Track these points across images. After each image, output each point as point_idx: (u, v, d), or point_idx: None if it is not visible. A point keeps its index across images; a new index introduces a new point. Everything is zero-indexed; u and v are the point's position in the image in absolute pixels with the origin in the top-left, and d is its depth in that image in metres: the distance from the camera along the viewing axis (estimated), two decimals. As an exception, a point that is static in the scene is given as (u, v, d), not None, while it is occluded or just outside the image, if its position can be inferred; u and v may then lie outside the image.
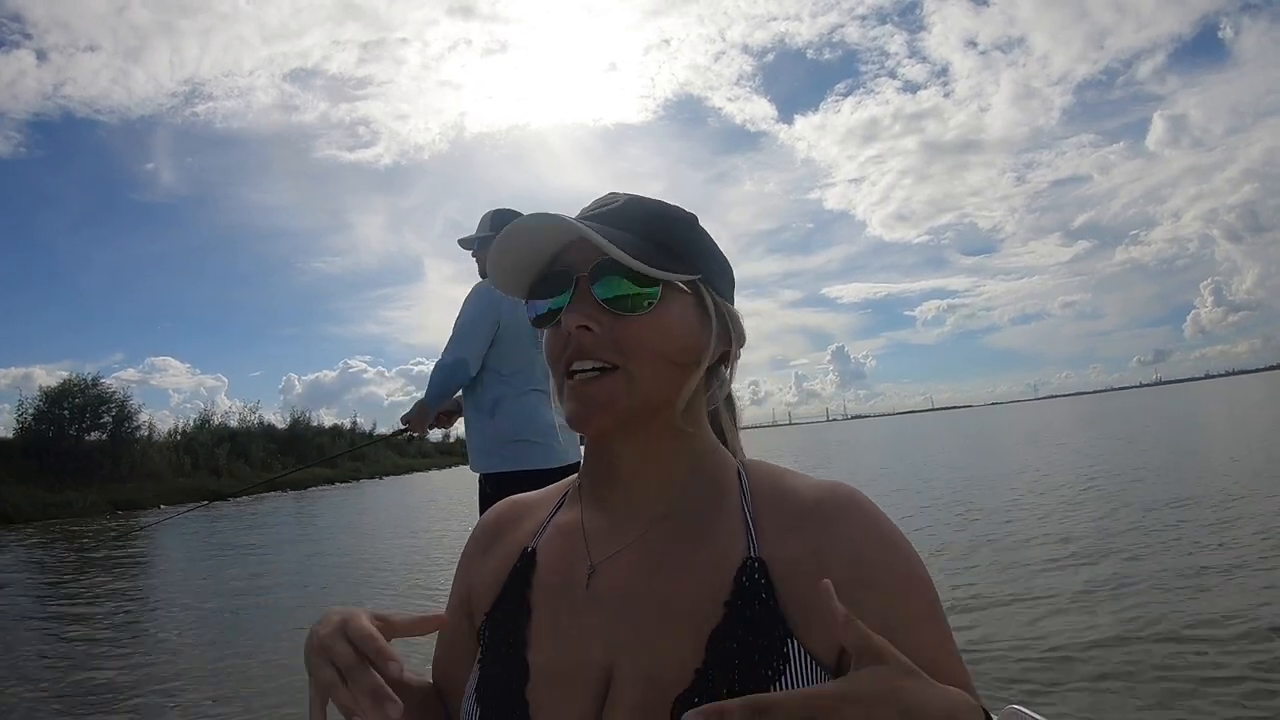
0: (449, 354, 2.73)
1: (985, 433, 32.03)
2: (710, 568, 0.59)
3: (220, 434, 28.52)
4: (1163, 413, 29.48)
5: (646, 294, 0.61)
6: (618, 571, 0.63)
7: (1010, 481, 11.00)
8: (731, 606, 0.57)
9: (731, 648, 0.55)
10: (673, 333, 0.62)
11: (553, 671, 0.61)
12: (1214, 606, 3.86)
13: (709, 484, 0.65)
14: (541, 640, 0.63)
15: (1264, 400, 31.70)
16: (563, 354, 0.62)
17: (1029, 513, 7.65)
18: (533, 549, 0.69)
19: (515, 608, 0.66)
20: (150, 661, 4.63)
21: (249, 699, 3.77)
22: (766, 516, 0.62)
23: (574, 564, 0.65)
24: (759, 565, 0.58)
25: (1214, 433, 17.22)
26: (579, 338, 0.60)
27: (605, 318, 0.60)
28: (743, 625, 0.56)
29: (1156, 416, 25.08)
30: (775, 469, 0.67)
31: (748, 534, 0.61)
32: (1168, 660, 3.22)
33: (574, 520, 0.69)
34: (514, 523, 0.74)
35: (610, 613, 0.61)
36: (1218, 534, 5.53)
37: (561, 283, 0.62)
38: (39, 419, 21.84)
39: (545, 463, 2.63)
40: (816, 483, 0.64)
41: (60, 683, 4.27)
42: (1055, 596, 4.39)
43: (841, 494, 0.61)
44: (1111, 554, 5.30)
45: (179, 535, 12.53)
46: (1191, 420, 23.29)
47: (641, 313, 0.61)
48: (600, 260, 0.61)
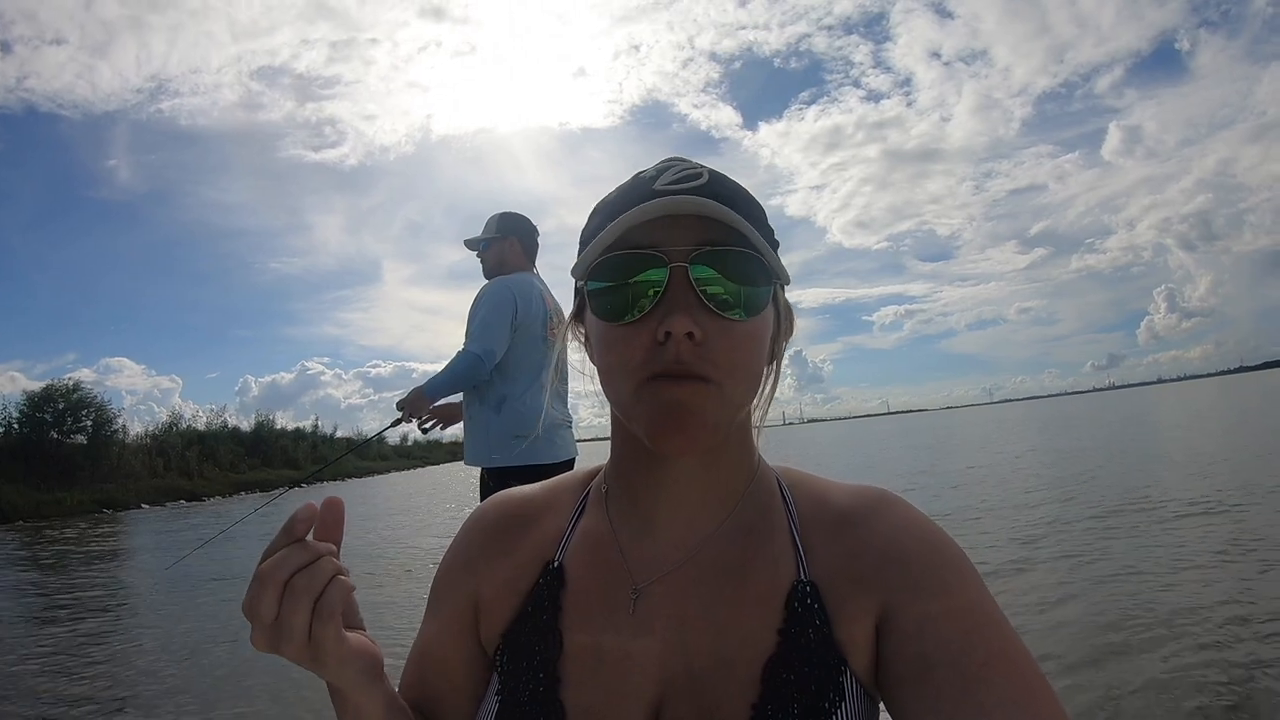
0: (477, 344, 2.63)
1: (939, 435, 33.06)
2: (763, 591, 0.55)
3: (190, 437, 29.83)
4: (1111, 419, 28.88)
5: (759, 296, 0.53)
6: (667, 596, 0.57)
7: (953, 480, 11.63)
8: (785, 634, 0.53)
9: (789, 679, 0.51)
10: (765, 340, 0.56)
11: (595, 710, 0.54)
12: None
13: (757, 498, 0.60)
14: (580, 674, 0.56)
15: (1214, 403, 32.93)
16: (649, 359, 0.51)
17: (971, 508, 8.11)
18: (559, 564, 0.61)
19: (543, 633, 0.58)
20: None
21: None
22: (812, 532, 0.58)
23: (612, 585, 0.58)
24: (811, 588, 0.54)
25: (1158, 436, 18.02)
26: (681, 346, 0.50)
27: (709, 321, 0.51)
28: (798, 655, 0.52)
29: (1103, 425, 25.12)
30: (807, 477, 0.63)
31: (797, 554, 0.56)
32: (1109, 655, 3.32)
33: (604, 532, 0.62)
34: (522, 525, 0.65)
35: (659, 643, 0.55)
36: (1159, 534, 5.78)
37: (646, 263, 0.52)
38: (23, 422, 23.21)
39: (548, 458, 2.66)
40: (847, 487, 0.60)
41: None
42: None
43: (873, 495, 0.58)
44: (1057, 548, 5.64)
45: (154, 534, 13.92)
46: (1142, 422, 24.25)
47: (745, 319, 0.53)
48: (702, 250, 0.51)
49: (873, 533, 0.56)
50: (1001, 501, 8.53)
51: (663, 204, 0.51)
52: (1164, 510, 6.76)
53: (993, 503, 8.53)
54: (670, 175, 0.55)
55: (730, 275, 0.52)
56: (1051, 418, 40.34)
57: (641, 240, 0.52)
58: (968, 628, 0.49)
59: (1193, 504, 6.87)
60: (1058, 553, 5.54)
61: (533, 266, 2.93)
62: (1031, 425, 32.68)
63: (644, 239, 0.52)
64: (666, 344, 0.51)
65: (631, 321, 0.52)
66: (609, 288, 0.53)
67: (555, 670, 0.56)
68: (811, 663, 0.52)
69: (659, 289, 0.52)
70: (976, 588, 0.52)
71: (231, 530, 4.37)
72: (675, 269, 0.51)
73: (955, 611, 0.50)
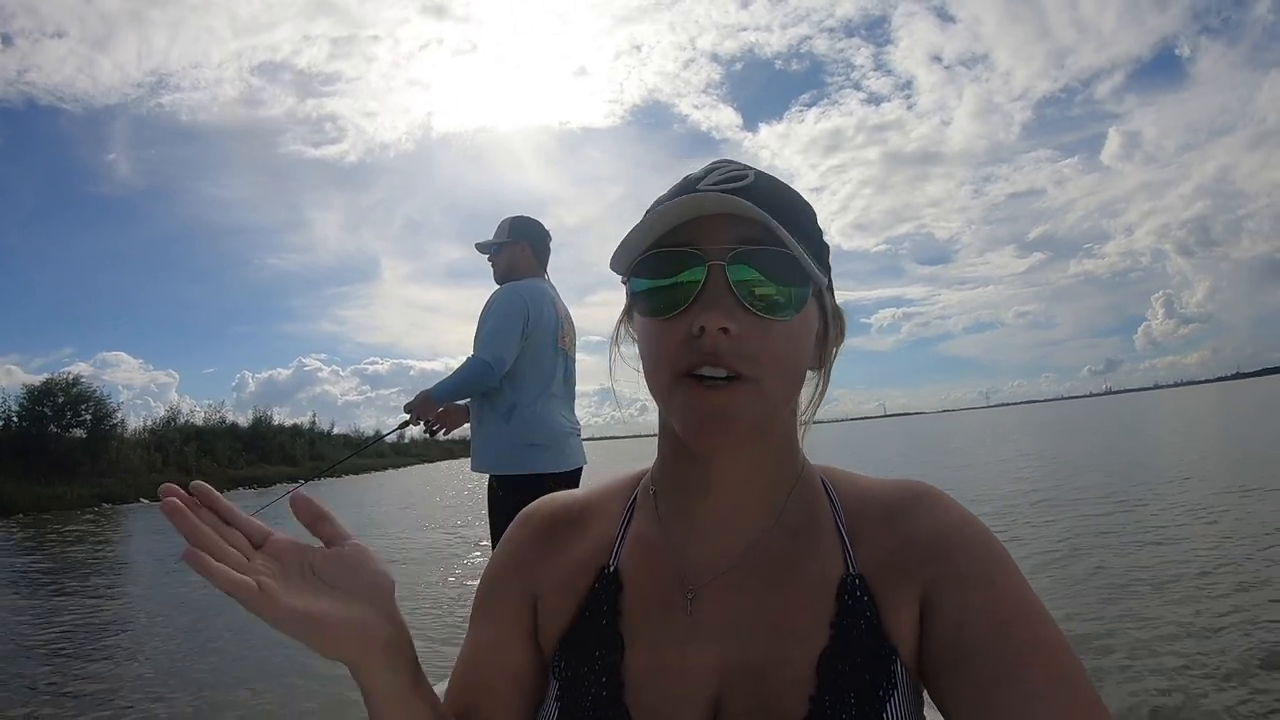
0: (487, 351, 2.64)
1: (934, 437, 32.61)
2: (813, 587, 0.57)
3: (188, 432, 29.83)
4: (1109, 428, 28.46)
5: (796, 296, 0.54)
6: (722, 596, 0.58)
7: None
8: (837, 627, 0.54)
9: (844, 670, 0.53)
10: (806, 342, 0.57)
11: (658, 712, 0.56)
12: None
13: (803, 498, 0.61)
14: (640, 678, 0.57)
15: (1212, 411, 33.05)
16: (684, 353, 0.53)
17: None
18: (614, 568, 0.62)
19: (603, 638, 0.59)
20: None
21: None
22: (857, 527, 0.59)
23: (668, 587, 0.60)
24: (859, 582, 0.56)
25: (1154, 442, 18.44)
26: (716, 340, 0.52)
27: (745, 318, 0.52)
28: (851, 646, 0.54)
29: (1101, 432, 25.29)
30: (848, 474, 0.64)
31: (844, 548, 0.58)
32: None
33: (653, 535, 0.62)
34: (575, 529, 0.66)
35: (719, 643, 0.57)
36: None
37: (684, 261, 0.54)
38: (23, 416, 23.28)
39: (556, 466, 2.66)
40: (889, 482, 0.62)
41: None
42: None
43: (914, 489, 0.59)
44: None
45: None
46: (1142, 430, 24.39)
47: (783, 318, 0.54)
48: (740, 249, 0.53)
49: (916, 525, 0.57)
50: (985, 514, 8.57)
51: (691, 201, 0.53)
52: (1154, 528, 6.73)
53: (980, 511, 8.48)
54: (716, 176, 0.57)
55: (768, 275, 0.53)
56: (1044, 426, 40.13)
57: (681, 239, 0.54)
58: (1008, 618, 0.50)
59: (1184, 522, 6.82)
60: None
61: (544, 272, 2.94)
62: (1027, 434, 32.39)
63: (684, 237, 0.54)
64: (701, 338, 0.52)
65: (670, 317, 0.54)
66: (650, 284, 0.55)
67: (618, 675, 0.58)
68: (864, 653, 0.54)
69: (697, 286, 0.53)
70: (1016, 580, 0.53)
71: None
72: (713, 266, 0.53)
73: (996, 602, 0.51)
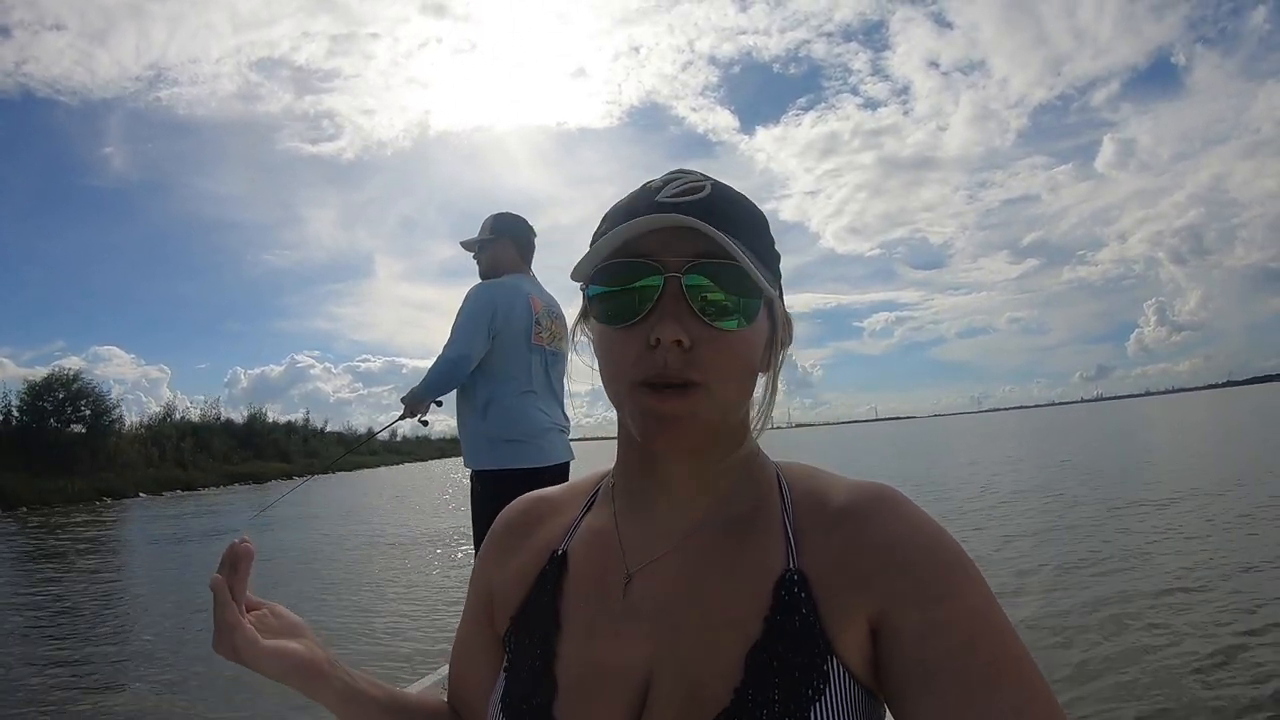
0: (452, 349, 2.71)
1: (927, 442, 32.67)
2: (750, 579, 0.56)
3: (184, 428, 30.24)
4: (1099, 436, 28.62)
5: (748, 306, 0.56)
6: (657, 580, 0.60)
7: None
8: (771, 622, 0.54)
9: (771, 665, 0.52)
10: (757, 349, 0.58)
11: (585, 685, 0.57)
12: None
13: (751, 491, 0.62)
14: (572, 651, 0.59)
15: (1203, 420, 33.63)
16: (640, 363, 0.55)
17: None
18: (563, 552, 0.65)
19: (543, 615, 0.62)
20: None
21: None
22: (805, 525, 0.58)
23: (608, 570, 0.62)
24: (799, 578, 0.55)
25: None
26: (671, 351, 0.54)
27: (698, 328, 0.54)
28: (782, 642, 0.53)
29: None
30: (809, 470, 0.64)
31: (788, 544, 0.57)
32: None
33: (607, 523, 0.65)
34: (538, 521, 0.70)
35: (648, 624, 0.58)
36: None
37: (641, 271, 0.55)
38: (24, 411, 23.67)
39: (537, 461, 2.66)
40: (850, 483, 0.60)
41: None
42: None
43: (872, 490, 0.58)
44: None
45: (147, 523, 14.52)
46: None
47: (736, 327, 0.55)
48: (696, 262, 0.54)
49: (870, 530, 0.55)
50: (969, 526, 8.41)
51: (654, 220, 0.54)
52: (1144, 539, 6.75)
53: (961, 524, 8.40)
54: (674, 188, 0.58)
55: (722, 286, 0.54)
56: (1034, 433, 40.16)
57: (640, 249, 0.55)
58: (971, 634, 0.49)
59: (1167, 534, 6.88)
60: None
61: (528, 268, 2.95)
62: (1016, 441, 32.54)
63: (642, 248, 0.55)
64: (656, 350, 0.54)
65: (627, 325, 0.55)
66: (608, 293, 0.57)
67: (553, 647, 0.60)
68: (795, 649, 0.53)
69: (654, 296, 0.54)
70: (979, 592, 0.52)
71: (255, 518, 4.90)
72: (670, 278, 0.54)
73: (958, 617, 0.50)
